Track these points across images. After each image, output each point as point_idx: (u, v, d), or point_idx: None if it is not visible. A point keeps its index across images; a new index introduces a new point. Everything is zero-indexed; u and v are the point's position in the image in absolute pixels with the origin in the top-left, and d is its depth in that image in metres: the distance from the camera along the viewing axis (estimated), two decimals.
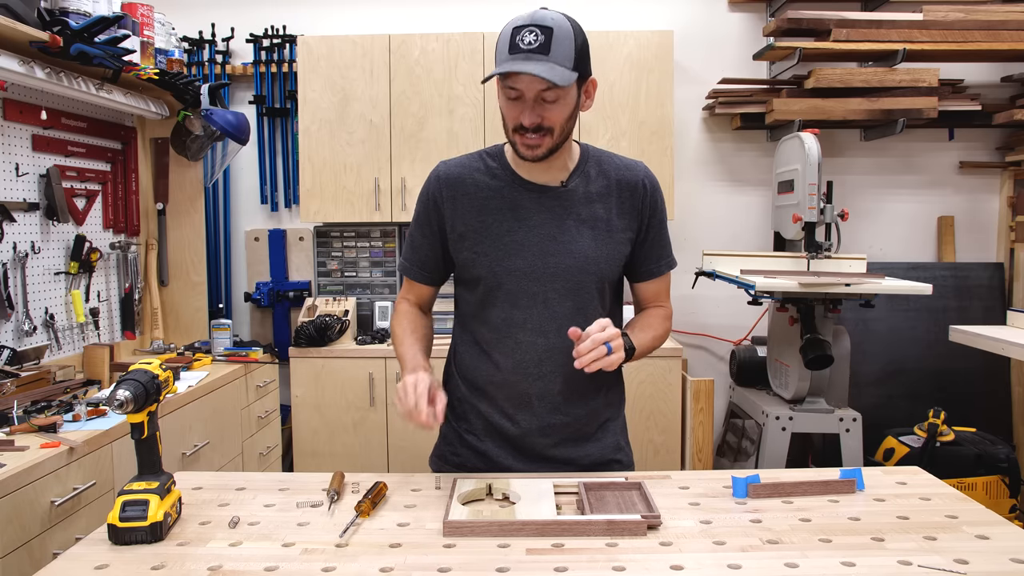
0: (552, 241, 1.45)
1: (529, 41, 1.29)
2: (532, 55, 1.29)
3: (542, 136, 1.37)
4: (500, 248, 1.45)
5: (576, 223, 1.46)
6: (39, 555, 1.73)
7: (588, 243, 1.46)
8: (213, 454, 2.68)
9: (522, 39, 1.29)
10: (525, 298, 1.46)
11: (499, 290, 1.46)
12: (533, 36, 1.29)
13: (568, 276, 1.45)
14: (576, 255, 1.45)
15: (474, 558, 1.12)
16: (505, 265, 1.45)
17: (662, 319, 1.56)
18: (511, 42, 1.31)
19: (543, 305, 1.46)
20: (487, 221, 1.46)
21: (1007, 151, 3.59)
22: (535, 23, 1.30)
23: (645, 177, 1.52)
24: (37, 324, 2.58)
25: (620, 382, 1.61)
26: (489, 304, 1.48)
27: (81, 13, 2.51)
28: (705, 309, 3.64)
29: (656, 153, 3.25)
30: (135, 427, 1.21)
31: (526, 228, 1.45)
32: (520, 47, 1.29)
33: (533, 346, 1.46)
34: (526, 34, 1.29)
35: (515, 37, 1.30)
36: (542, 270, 1.45)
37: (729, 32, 3.62)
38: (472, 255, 1.47)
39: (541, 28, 1.29)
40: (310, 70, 3.30)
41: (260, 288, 3.58)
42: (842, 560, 1.10)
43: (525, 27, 1.30)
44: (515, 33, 1.31)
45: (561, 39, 1.30)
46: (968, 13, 3.21)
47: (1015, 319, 2.81)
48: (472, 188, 1.47)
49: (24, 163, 2.55)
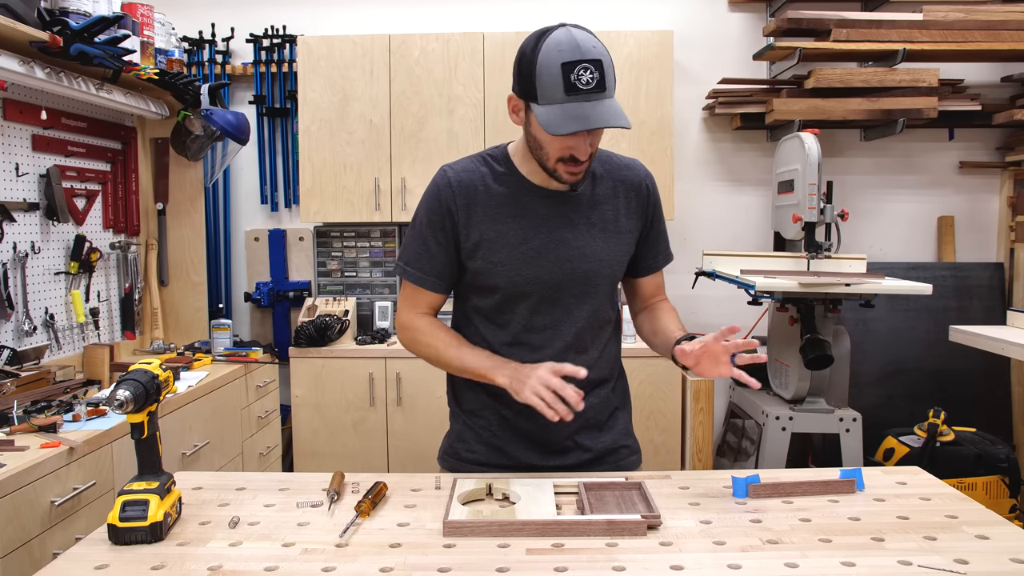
0: (566, 247, 1.46)
1: (587, 81, 1.26)
2: (592, 95, 1.27)
3: (587, 163, 1.38)
4: (517, 257, 1.45)
5: (587, 227, 1.47)
6: (39, 555, 1.73)
7: (600, 246, 1.48)
8: (213, 454, 2.68)
9: (579, 79, 1.26)
10: (544, 304, 1.47)
11: (519, 298, 1.47)
12: (589, 75, 1.26)
13: (585, 280, 1.47)
14: (590, 259, 1.47)
15: (474, 558, 1.12)
16: (524, 274, 1.45)
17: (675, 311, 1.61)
18: (565, 80, 1.27)
19: (562, 310, 1.48)
20: (502, 230, 1.45)
21: (1007, 151, 3.59)
22: (587, 59, 1.26)
23: (646, 176, 1.55)
24: (37, 324, 2.58)
25: (624, 374, 1.65)
26: (507, 311, 1.49)
27: (81, 13, 2.51)
28: (705, 309, 3.64)
29: (656, 153, 3.25)
30: (135, 427, 1.21)
31: (541, 235, 1.45)
32: (579, 87, 1.27)
33: (552, 349, 1.48)
34: (581, 72, 1.26)
35: (569, 75, 1.26)
36: (559, 276, 1.46)
37: (729, 32, 3.62)
38: (489, 265, 1.46)
39: (594, 64, 1.26)
40: (310, 70, 3.30)
41: (260, 288, 3.58)
42: (842, 560, 1.10)
43: (579, 64, 1.26)
44: (568, 71, 1.26)
45: (608, 68, 1.29)
46: (968, 13, 3.21)
47: (1015, 319, 2.81)
48: (484, 196, 1.46)
49: (24, 163, 2.55)
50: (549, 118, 1.29)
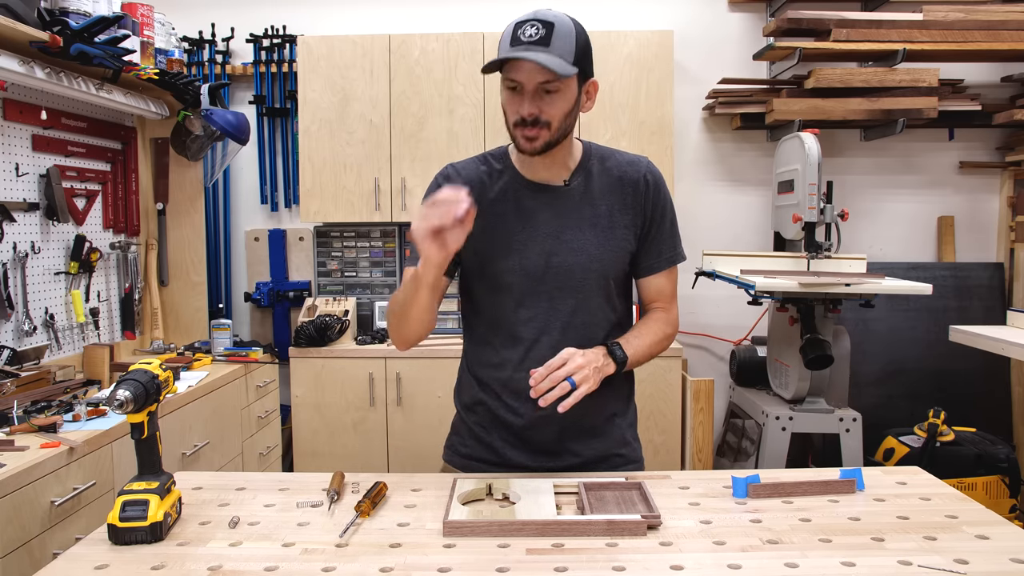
0: (555, 240, 1.46)
1: (530, 34, 1.32)
2: (532, 47, 1.31)
3: (540, 129, 1.38)
4: (504, 249, 1.47)
5: (578, 221, 1.47)
6: (39, 555, 1.73)
7: (590, 240, 1.47)
8: (213, 454, 2.68)
9: (523, 32, 1.33)
10: (530, 297, 1.48)
11: (504, 290, 1.48)
12: (534, 29, 1.32)
13: (571, 274, 1.47)
14: (579, 253, 1.46)
15: (474, 558, 1.12)
16: (509, 265, 1.46)
17: (662, 324, 1.55)
18: (512, 35, 1.34)
19: (547, 303, 1.48)
20: (493, 222, 1.47)
21: (1007, 151, 3.59)
22: (537, 18, 1.33)
23: (648, 172, 1.52)
24: (37, 324, 2.58)
25: (629, 380, 1.61)
26: (494, 303, 1.50)
27: (81, 13, 2.51)
28: (705, 309, 3.64)
29: (656, 153, 3.25)
30: (135, 427, 1.21)
31: (530, 228, 1.47)
32: (521, 39, 1.32)
33: (537, 343, 1.48)
34: (527, 27, 1.33)
35: (517, 31, 1.34)
36: (545, 269, 1.46)
37: (729, 32, 3.62)
38: (477, 257, 1.48)
39: (543, 23, 1.32)
40: (310, 70, 3.30)
41: (260, 288, 3.58)
42: (842, 560, 1.10)
43: (527, 21, 1.33)
44: (517, 27, 1.34)
45: (562, 34, 1.33)
46: (968, 13, 3.21)
47: (1015, 319, 2.81)
48: (480, 190, 1.48)
49: (24, 163, 2.55)
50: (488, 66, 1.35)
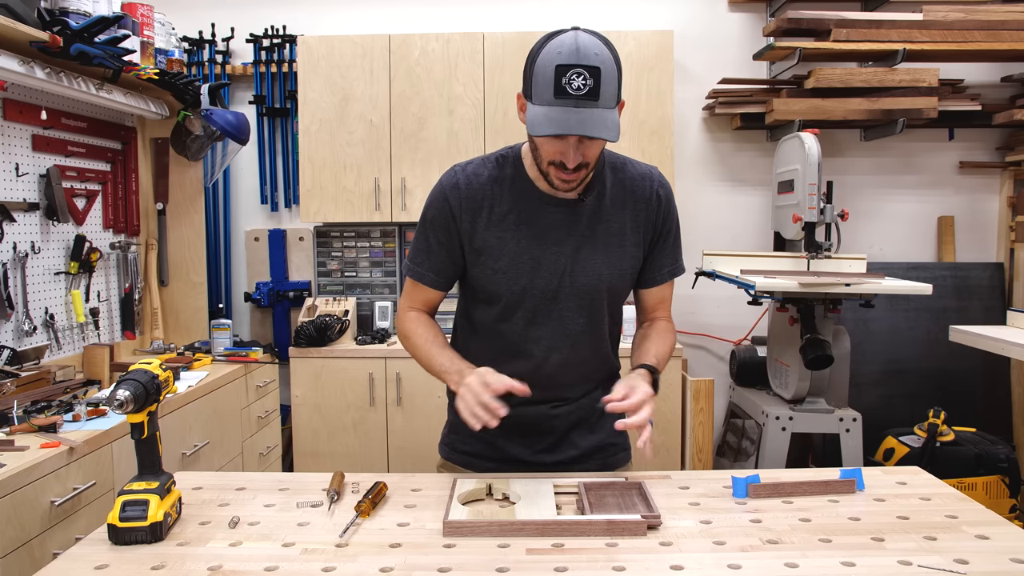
0: (568, 259, 1.45)
1: (578, 87, 1.22)
2: (582, 102, 1.23)
3: (580, 171, 1.34)
4: (518, 267, 1.44)
5: (591, 238, 1.45)
6: (39, 555, 1.73)
7: (601, 259, 1.46)
8: (213, 454, 2.68)
9: (569, 83, 1.22)
10: (541, 316, 1.47)
11: (516, 308, 1.47)
12: (582, 80, 1.22)
13: (583, 294, 1.46)
14: (590, 273, 1.46)
15: (474, 558, 1.12)
16: (523, 284, 1.45)
17: (670, 334, 1.57)
18: (556, 83, 1.22)
19: (558, 322, 1.47)
20: (504, 238, 1.44)
21: (1007, 151, 3.59)
22: (582, 64, 1.22)
23: (660, 187, 1.50)
24: (37, 324, 2.58)
25: (617, 375, 1.63)
26: (504, 319, 1.49)
27: (81, 13, 2.51)
28: (705, 309, 3.64)
29: (656, 153, 3.25)
30: (135, 427, 1.21)
31: (543, 246, 1.44)
32: (568, 92, 1.22)
33: (546, 361, 1.49)
34: (574, 78, 1.22)
35: (561, 79, 1.22)
36: (558, 289, 1.45)
37: (729, 32, 3.62)
38: (490, 272, 1.46)
39: (588, 70, 1.22)
40: (310, 70, 3.30)
41: (260, 288, 3.58)
42: (842, 560, 1.10)
43: (572, 69, 1.22)
44: (560, 74, 1.22)
45: (608, 78, 1.24)
46: (968, 13, 3.21)
47: (1015, 319, 2.81)
48: (491, 202, 1.45)
49: (24, 163, 2.55)
50: (534, 118, 1.27)
